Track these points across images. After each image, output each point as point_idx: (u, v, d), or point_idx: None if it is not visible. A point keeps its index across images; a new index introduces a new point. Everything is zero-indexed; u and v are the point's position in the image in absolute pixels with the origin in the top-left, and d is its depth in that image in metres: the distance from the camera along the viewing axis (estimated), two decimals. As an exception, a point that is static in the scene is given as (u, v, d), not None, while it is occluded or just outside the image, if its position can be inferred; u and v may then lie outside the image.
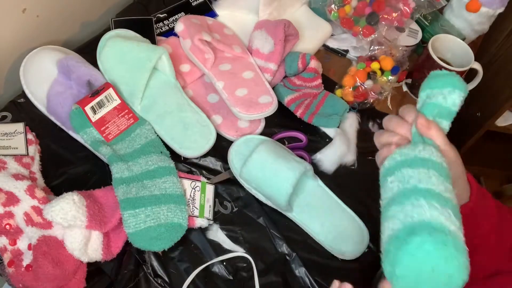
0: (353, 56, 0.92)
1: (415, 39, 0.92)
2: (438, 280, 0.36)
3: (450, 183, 0.42)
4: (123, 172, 0.64)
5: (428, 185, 0.40)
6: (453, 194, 0.41)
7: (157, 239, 0.60)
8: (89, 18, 0.87)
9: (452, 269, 0.35)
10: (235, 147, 0.72)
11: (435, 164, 0.42)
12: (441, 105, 0.46)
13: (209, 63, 0.77)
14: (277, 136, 0.77)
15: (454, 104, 0.46)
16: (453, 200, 0.40)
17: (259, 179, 0.67)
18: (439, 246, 0.35)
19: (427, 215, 0.37)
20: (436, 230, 0.36)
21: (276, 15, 0.87)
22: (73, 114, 0.67)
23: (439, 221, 0.37)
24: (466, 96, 0.46)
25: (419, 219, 0.37)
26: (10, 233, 0.58)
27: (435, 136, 0.45)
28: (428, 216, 0.37)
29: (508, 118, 1.11)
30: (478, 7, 0.87)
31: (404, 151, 0.44)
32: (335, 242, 0.67)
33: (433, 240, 0.35)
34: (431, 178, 0.41)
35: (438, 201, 0.39)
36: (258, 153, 0.67)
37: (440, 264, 0.35)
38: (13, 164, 0.63)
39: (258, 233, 0.68)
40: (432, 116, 0.46)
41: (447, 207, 0.38)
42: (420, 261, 0.36)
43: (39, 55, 0.73)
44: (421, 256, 0.35)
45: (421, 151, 0.43)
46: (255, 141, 0.72)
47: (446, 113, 0.46)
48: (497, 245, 0.53)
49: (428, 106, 0.46)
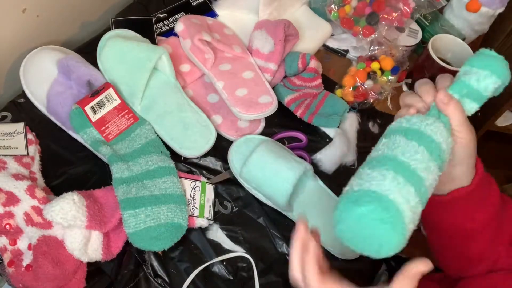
0: (353, 56, 0.92)
1: (415, 39, 0.92)
2: (371, 247, 0.39)
3: (439, 164, 0.42)
4: (123, 172, 0.64)
5: (409, 160, 0.41)
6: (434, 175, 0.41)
7: (157, 239, 0.60)
8: (89, 18, 0.87)
9: (385, 241, 0.38)
10: (235, 147, 0.72)
11: (432, 142, 0.42)
12: (472, 87, 0.44)
13: (209, 63, 0.77)
14: (277, 136, 0.77)
15: (486, 89, 0.44)
16: (428, 180, 0.41)
17: (259, 179, 0.67)
18: (377, 220, 0.38)
19: (385, 187, 0.39)
20: (382, 203, 0.38)
21: (276, 15, 0.87)
22: (73, 114, 0.67)
23: (392, 196, 0.38)
24: (506, 86, 0.44)
25: (375, 189, 0.39)
26: (10, 233, 0.58)
27: (451, 114, 0.44)
28: (385, 188, 0.39)
29: (508, 118, 1.11)
30: (478, 7, 0.87)
31: (413, 119, 0.44)
32: (335, 242, 0.67)
33: (373, 213, 0.38)
34: (417, 154, 0.41)
35: (407, 177, 0.39)
36: (258, 153, 0.67)
37: (374, 235, 0.38)
38: (13, 164, 0.63)
39: (258, 233, 0.68)
40: (460, 94, 0.45)
41: (412, 185, 0.39)
42: (357, 227, 0.39)
43: (39, 55, 0.73)
44: (358, 224, 0.39)
45: (427, 125, 0.43)
46: (255, 141, 0.72)
47: (476, 95, 0.44)
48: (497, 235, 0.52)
49: (458, 83, 0.45)
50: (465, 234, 0.52)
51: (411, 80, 0.89)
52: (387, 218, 0.37)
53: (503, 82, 0.44)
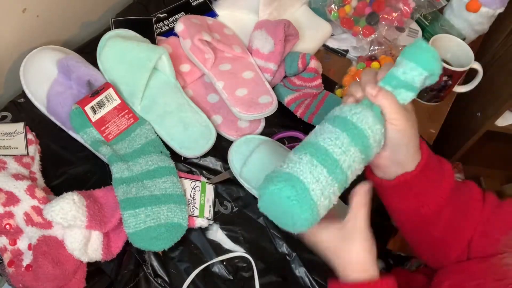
0: (353, 56, 0.92)
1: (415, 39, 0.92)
2: (287, 222, 0.45)
3: (361, 148, 0.45)
4: (123, 172, 0.64)
5: (327, 144, 0.45)
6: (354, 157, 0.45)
7: (157, 239, 0.60)
8: (89, 18, 0.87)
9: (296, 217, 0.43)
10: (235, 147, 0.72)
11: (355, 128, 0.45)
12: (399, 78, 0.47)
13: (209, 63, 0.77)
14: (277, 136, 0.77)
15: (413, 81, 0.47)
16: (345, 162, 0.45)
17: (259, 179, 0.66)
18: (284, 197, 0.42)
19: (298, 168, 0.43)
20: (290, 182, 0.43)
21: (276, 15, 0.87)
22: (73, 114, 0.67)
23: (303, 176, 0.43)
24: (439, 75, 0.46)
25: (289, 171, 0.44)
26: (10, 233, 0.58)
27: (382, 104, 0.47)
28: (297, 169, 0.43)
29: (508, 118, 1.11)
30: (478, 7, 0.87)
31: (344, 108, 0.48)
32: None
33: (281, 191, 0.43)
34: (337, 140, 0.45)
35: (321, 160, 0.44)
36: (258, 153, 0.67)
37: (286, 211, 0.43)
38: (13, 164, 0.63)
39: (258, 233, 0.68)
40: (391, 86, 0.47)
41: (325, 166, 0.44)
42: (271, 204, 0.45)
43: (39, 55, 0.73)
44: (271, 200, 0.44)
45: (354, 114, 0.46)
46: (255, 141, 0.72)
47: (407, 86, 0.47)
48: (459, 221, 0.54)
49: (389, 76, 0.48)
50: (422, 219, 0.54)
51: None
52: (294, 196, 0.42)
53: (431, 74, 0.46)
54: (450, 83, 0.84)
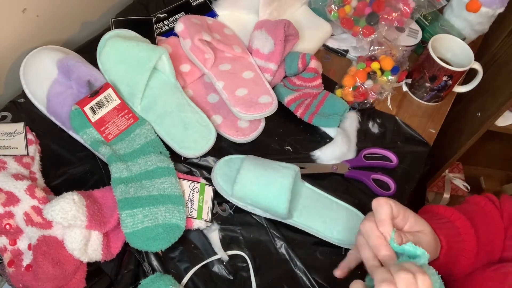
0: (353, 56, 0.92)
1: (415, 39, 0.92)
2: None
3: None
4: (122, 172, 0.64)
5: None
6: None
7: (154, 239, 0.60)
8: (89, 18, 0.87)
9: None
10: (217, 170, 0.69)
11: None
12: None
13: (209, 63, 0.77)
14: (367, 151, 0.77)
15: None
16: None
17: (254, 193, 0.65)
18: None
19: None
20: None
21: (276, 15, 0.87)
22: (72, 115, 0.67)
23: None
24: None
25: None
26: (10, 233, 0.59)
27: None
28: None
29: (508, 118, 1.11)
30: (478, 7, 0.87)
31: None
32: (341, 234, 0.67)
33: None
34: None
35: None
36: (245, 169, 0.66)
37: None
38: (13, 164, 0.63)
39: (258, 233, 0.68)
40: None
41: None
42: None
43: (39, 55, 0.73)
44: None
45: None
46: (235, 160, 0.71)
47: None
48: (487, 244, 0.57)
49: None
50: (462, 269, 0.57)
51: (411, 80, 0.89)
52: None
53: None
54: (450, 83, 0.84)
